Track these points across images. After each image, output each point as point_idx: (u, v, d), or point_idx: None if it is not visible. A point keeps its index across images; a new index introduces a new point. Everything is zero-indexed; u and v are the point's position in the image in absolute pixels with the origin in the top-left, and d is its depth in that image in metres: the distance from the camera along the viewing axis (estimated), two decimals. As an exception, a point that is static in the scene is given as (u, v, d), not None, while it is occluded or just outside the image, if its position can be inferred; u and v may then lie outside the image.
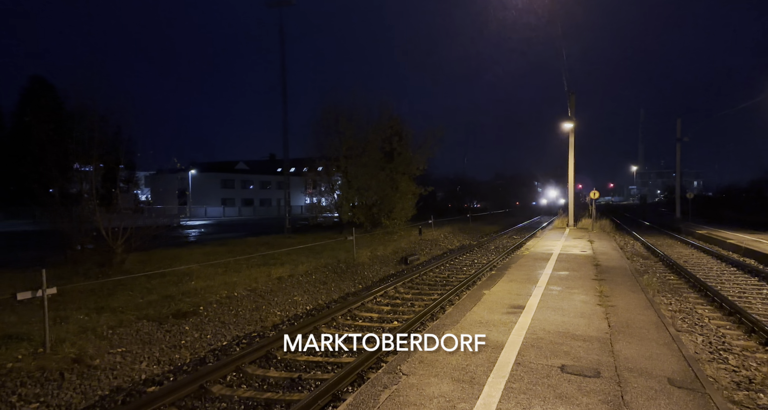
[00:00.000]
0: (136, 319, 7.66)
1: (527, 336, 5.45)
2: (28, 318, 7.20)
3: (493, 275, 9.80)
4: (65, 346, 6.30)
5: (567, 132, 24.93)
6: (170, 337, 7.35)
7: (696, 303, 9.81)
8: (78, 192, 12.15)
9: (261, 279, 10.99)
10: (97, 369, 6.01)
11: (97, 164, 12.05)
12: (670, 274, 13.40)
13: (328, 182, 25.10)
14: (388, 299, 10.36)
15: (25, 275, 9.98)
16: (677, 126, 35.04)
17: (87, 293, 8.88)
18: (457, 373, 4.38)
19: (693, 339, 7.22)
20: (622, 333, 5.63)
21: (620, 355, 4.86)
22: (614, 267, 10.75)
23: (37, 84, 39.20)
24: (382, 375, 4.37)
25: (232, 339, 7.84)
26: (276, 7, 21.36)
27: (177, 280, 10.43)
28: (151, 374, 6.24)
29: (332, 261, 13.81)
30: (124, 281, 9.74)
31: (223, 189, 61.78)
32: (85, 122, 11.55)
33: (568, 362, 4.65)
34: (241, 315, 8.84)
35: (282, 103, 21.71)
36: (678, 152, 35.46)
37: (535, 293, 7.85)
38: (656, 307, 7.05)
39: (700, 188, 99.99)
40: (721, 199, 50.98)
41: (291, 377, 5.93)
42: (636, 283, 8.92)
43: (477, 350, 5.00)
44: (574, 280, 9.03)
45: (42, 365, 5.78)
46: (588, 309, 6.74)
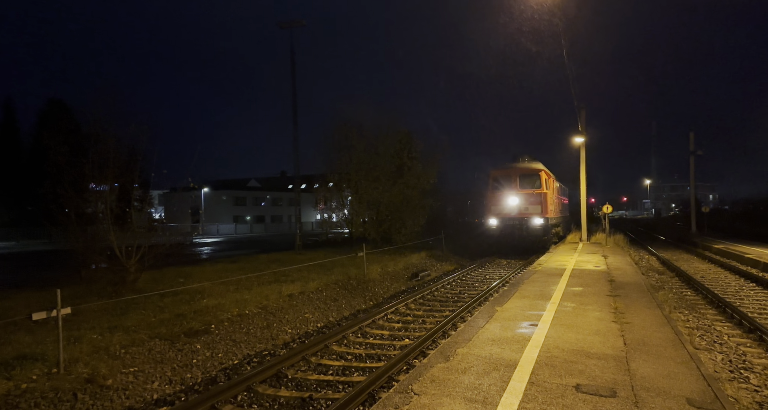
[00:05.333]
0: (148, 338, 7.69)
1: (541, 354, 5.37)
2: (43, 337, 7.27)
3: (505, 291, 9.69)
4: (79, 366, 6.34)
5: (578, 146, 24.83)
6: (182, 356, 7.35)
7: (714, 320, 9.59)
8: (93, 212, 12.34)
9: (272, 297, 10.99)
10: (109, 389, 6.02)
11: (112, 184, 12.26)
12: (686, 290, 13.14)
13: (338, 198, 25.19)
14: (399, 316, 10.29)
15: (40, 294, 10.12)
16: (690, 139, 34.72)
17: (100, 313, 8.96)
18: (470, 393, 4.31)
19: (712, 358, 7.04)
20: (638, 350, 5.52)
21: (637, 374, 4.75)
22: (629, 283, 10.57)
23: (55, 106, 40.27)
24: (393, 395, 4.32)
25: (243, 357, 7.82)
26: (288, 28, 21.79)
27: (189, 298, 10.47)
28: (163, 394, 6.23)
29: (343, 278, 13.79)
30: (137, 299, 9.81)
31: (235, 206, 62.35)
32: (101, 144, 11.80)
33: (583, 381, 4.56)
34: (252, 333, 8.84)
35: (293, 123, 21.98)
36: (692, 165, 35.04)
37: (549, 309, 7.74)
38: (673, 324, 6.91)
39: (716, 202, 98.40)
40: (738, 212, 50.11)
41: (302, 396, 5.89)
42: (652, 299, 8.75)
43: (490, 368, 4.93)
44: (588, 296, 8.90)
45: (56, 385, 5.81)
46: (603, 326, 6.63)
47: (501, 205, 21.35)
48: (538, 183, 20.98)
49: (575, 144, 25.05)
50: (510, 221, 21.06)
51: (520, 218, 20.90)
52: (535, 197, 20.83)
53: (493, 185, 21.83)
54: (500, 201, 21.40)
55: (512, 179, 21.36)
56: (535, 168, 21.49)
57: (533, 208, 20.78)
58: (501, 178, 21.74)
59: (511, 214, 21.07)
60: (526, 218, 20.77)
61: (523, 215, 20.84)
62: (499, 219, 21.28)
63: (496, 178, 21.86)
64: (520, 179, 21.27)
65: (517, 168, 21.64)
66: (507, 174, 21.65)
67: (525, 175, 21.31)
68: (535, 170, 21.36)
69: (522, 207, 20.95)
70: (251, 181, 75.57)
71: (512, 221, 21.04)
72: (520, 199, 20.99)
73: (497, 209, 21.36)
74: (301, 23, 21.80)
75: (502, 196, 21.35)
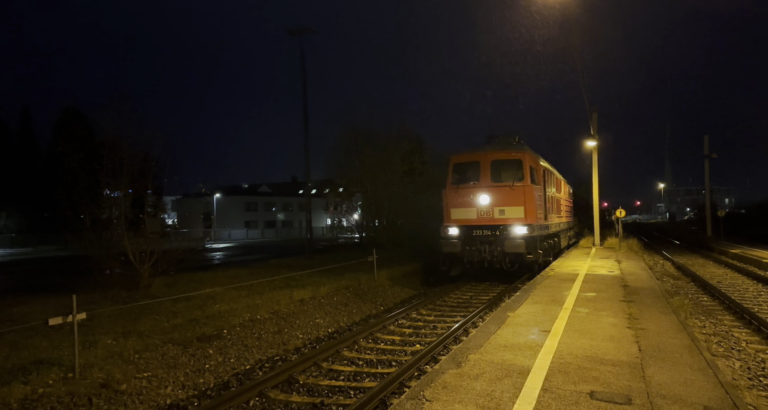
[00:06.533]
0: (161, 343, 7.76)
1: (554, 361, 5.31)
2: (59, 342, 7.36)
3: (517, 296, 9.62)
4: (93, 371, 6.41)
5: (590, 150, 24.64)
6: (195, 361, 7.40)
7: (732, 326, 9.41)
8: (107, 218, 12.54)
9: (283, 302, 11.03)
10: (123, 394, 6.08)
11: (126, 190, 12.44)
12: (702, 295, 12.92)
13: (348, 203, 25.28)
14: (410, 322, 10.26)
15: (56, 300, 10.26)
16: (705, 142, 34.29)
17: (115, 318, 9.06)
18: (482, 400, 4.28)
19: (730, 364, 6.91)
20: (654, 357, 5.43)
21: (652, 381, 4.68)
22: (643, 288, 10.42)
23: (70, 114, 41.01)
24: (405, 401, 4.30)
25: (255, 362, 7.85)
26: (298, 35, 22.00)
27: (201, 303, 10.55)
28: (176, 399, 6.28)
29: (353, 283, 13.79)
30: (151, 305, 9.90)
31: (246, 212, 62.83)
32: (115, 150, 11.99)
33: (597, 388, 4.50)
34: (263, 338, 8.87)
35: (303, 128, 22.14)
36: (706, 168, 34.59)
37: (561, 315, 7.66)
38: (689, 330, 6.79)
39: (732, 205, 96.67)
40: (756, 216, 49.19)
41: (313, 402, 5.89)
42: (667, 305, 8.62)
43: (502, 375, 4.89)
44: (602, 302, 8.79)
45: (71, 390, 5.88)
46: (617, 332, 6.54)
47: (464, 207, 14.46)
48: (520, 174, 14.14)
49: (587, 148, 24.88)
50: (476, 232, 14.15)
51: (492, 226, 13.97)
52: (515, 195, 13.86)
53: (454, 177, 15.05)
54: (463, 201, 14.44)
55: (481, 169, 14.49)
56: (515, 152, 14.65)
57: (512, 211, 13.89)
58: (466, 167, 15.00)
59: (478, 221, 14.23)
60: (501, 226, 13.87)
61: (496, 221, 13.97)
62: (461, 228, 14.30)
63: (458, 167, 15.14)
64: (493, 168, 14.46)
65: (488, 152, 14.69)
66: (474, 161, 14.75)
67: (500, 162, 14.55)
68: (515, 154, 14.57)
69: (495, 210, 14.10)
70: (262, 186, 76.12)
71: (479, 232, 14.11)
72: (493, 197, 14.08)
73: (459, 212, 14.52)
74: (311, 30, 22.01)
75: (466, 193, 14.41)
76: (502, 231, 13.79)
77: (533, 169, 14.64)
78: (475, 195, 14.26)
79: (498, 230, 13.85)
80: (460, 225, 14.37)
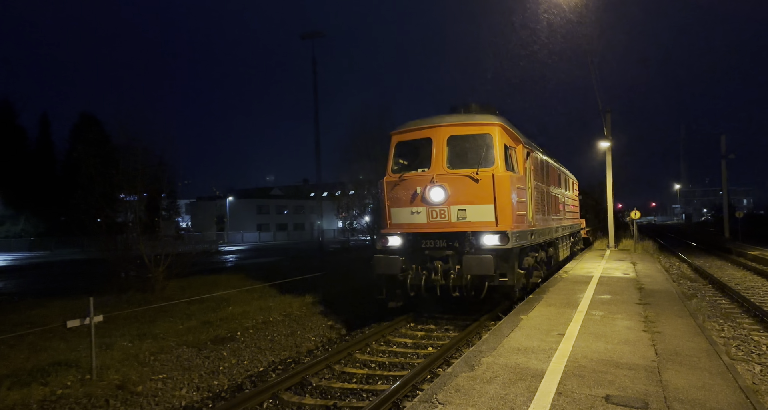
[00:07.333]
0: (176, 345, 7.85)
1: (568, 364, 5.25)
2: (76, 344, 7.49)
3: (530, 299, 9.54)
4: (110, 373, 6.51)
5: (603, 151, 24.41)
6: (209, 363, 7.47)
7: (751, 329, 9.23)
8: (123, 221, 12.75)
9: (295, 304, 11.09)
10: (139, 396, 6.16)
11: (141, 194, 12.65)
12: (721, 298, 12.69)
13: (360, 205, 25.32)
14: (422, 324, 10.22)
15: (74, 303, 10.44)
16: (722, 142, 33.74)
17: (130, 320, 9.19)
18: (496, 403, 4.25)
19: (750, 369, 6.77)
20: (671, 361, 5.35)
21: (669, 385, 4.61)
22: (659, 291, 10.27)
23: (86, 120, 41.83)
24: (418, 404, 4.29)
25: (268, 364, 7.89)
26: (309, 39, 22.18)
27: (215, 306, 10.65)
28: (191, 401, 6.33)
29: (364, 285, 13.80)
30: (165, 307, 10.02)
31: (258, 215, 63.33)
32: (130, 155, 12.20)
33: (613, 392, 4.44)
34: (276, 340, 8.92)
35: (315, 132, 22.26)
36: (723, 169, 34.03)
37: (576, 318, 7.58)
38: (707, 333, 6.68)
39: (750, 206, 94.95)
40: (774, 217, 48.21)
41: (326, 404, 5.90)
42: (684, 308, 8.48)
43: (516, 378, 4.85)
44: (617, 304, 8.68)
45: (89, 392, 5.98)
46: (633, 336, 6.45)
47: (409, 206, 9.62)
48: (490, 156, 9.33)
49: (601, 148, 24.65)
50: (425, 243, 9.35)
51: (448, 234, 9.20)
52: (481, 188, 9.11)
53: (397, 163, 10.24)
54: (408, 198, 9.62)
55: (433, 149, 9.58)
56: (482, 123, 9.69)
57: (477, 212, 9.16)
58: (413, 148, 10.14)
59: (429, 226, 9.41)
60: (461, 234, 9.10)
61: (454, 227, 9.22)
62: (405, 238, 9.51)
63: (403, 148, 10.29)
64: (451, 147, 9.60)
65: (443, 125, 9.70)
66: (423, 138, 9.86)
67: (460, 139, 9.65)
68: (482, 126, 9.64)
69: (453, 210, 9.24)
70: (274, 189, 76.70)
71: (430, 243, 9.33)
72: (450, 191, 9.20)
73: (402, 215, 9.73)
74: (321, 34, 22.19)
75: (412, 186, 9.52)
76: (462, 242, 9.02)
77: (510, 150, 9.85)
78: (425, 189, 9.23)
79: (456, 241, 9.08)
80: (403, 233, 9.49)
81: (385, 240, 9.74)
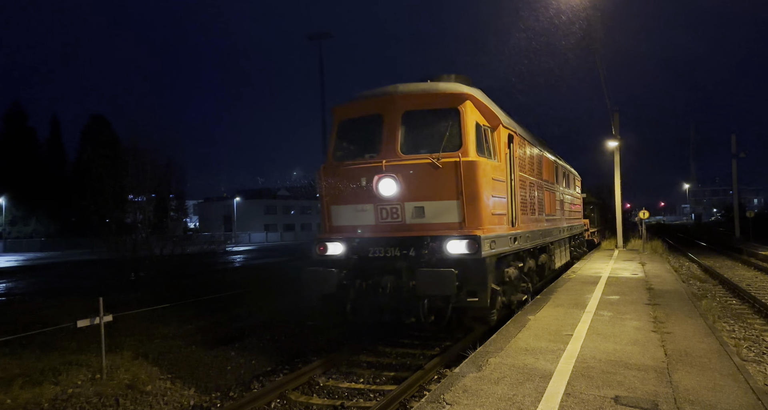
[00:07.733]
0: (185, 345, 7.91)
1: (577, 365, 5.23)
2: (87, 344, 7.57)
3: (538, 299, 9.49)
4: (120, 372, 6.57)
5: (612, 150, 24.26)
6: (217, 363, 7.51)
7: (763, 330, 9.13)
8: (132, 222, 12.87)
9: (303, 304, 11.11)
10: (149, 395, 6.21)
11: (150, 194, 12.76)
12: (731, 298, 12.56)
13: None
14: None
15: (83, 302, 10.54)
16: (732, 142, 33.38)
17: (140, 320, 9.26)
18: (504, 404, 4.24)
19: (762, 370, 6.70)
20: (681, 361, 5.30)
21: (679, 386, 4.57)
22: (669, 291, 10.18)
23: (96, 122, 42.27)
24: (425, 405, 4.29)
25: (276, 364, 7.92)
26: (317, 40, 22.29)
27: (223, 305, 10.71)
28: (199, 400, 6.37)
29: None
30: (174, 307, 10.09)
31: (265, 215, 63.64)
32: (139, 156, 12.32)
33: (622, 393, 4.42)
34: (284, 340, 8.94)
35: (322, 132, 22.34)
36: (734, 168, 33.65)
37: (584, 318, 7.54)
38: (718, 334, 6.61)
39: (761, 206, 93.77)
40: (786, 217, 47.58)
41: (334, 404, 5.92)
42: (694, 308, 8.40)
43: (523, 379, 4.84)
44: (626, 305, 8.62)
45: (99, 391, 6.04)
46: (642, 336, 6.40)
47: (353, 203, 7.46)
48: (456, 136, 7.10)
49: (609, 148, 24.50)
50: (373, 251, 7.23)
51: (401, 239, 7.11)
52: (443, 178, 6.94)
53: (340, 147, 8.01)
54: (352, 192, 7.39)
55: (384, 128, 7.32)
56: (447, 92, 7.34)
57: (438, 210, 7.05)
58: (360, 127, 7.87)
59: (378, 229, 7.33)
60: (418, 239, 7.01)
61: (411, 230, 7.14)
62: (348, 244, 7.41)
63: (348, 128, 8.01)
64: (407, 125, 7.33)
65: (398, 95, 7.30)
66: (372, 115, 7.57)
67: (419, 115, 7.37)
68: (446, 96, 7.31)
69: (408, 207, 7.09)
70: (281, 190, 76.95)
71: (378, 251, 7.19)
72: (404, 183, 6.99)
73: (344, 214, 7.61)
74: (329, 35, 22.29)
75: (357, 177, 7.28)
76: (419, 250, 6.98)
77: (485, 130, 7.62)
78: (373, 180, 7.05)
79: (412, 248, 7.02)
80: (345, 239, 7.43)
81: (322, 247, 7.53)
